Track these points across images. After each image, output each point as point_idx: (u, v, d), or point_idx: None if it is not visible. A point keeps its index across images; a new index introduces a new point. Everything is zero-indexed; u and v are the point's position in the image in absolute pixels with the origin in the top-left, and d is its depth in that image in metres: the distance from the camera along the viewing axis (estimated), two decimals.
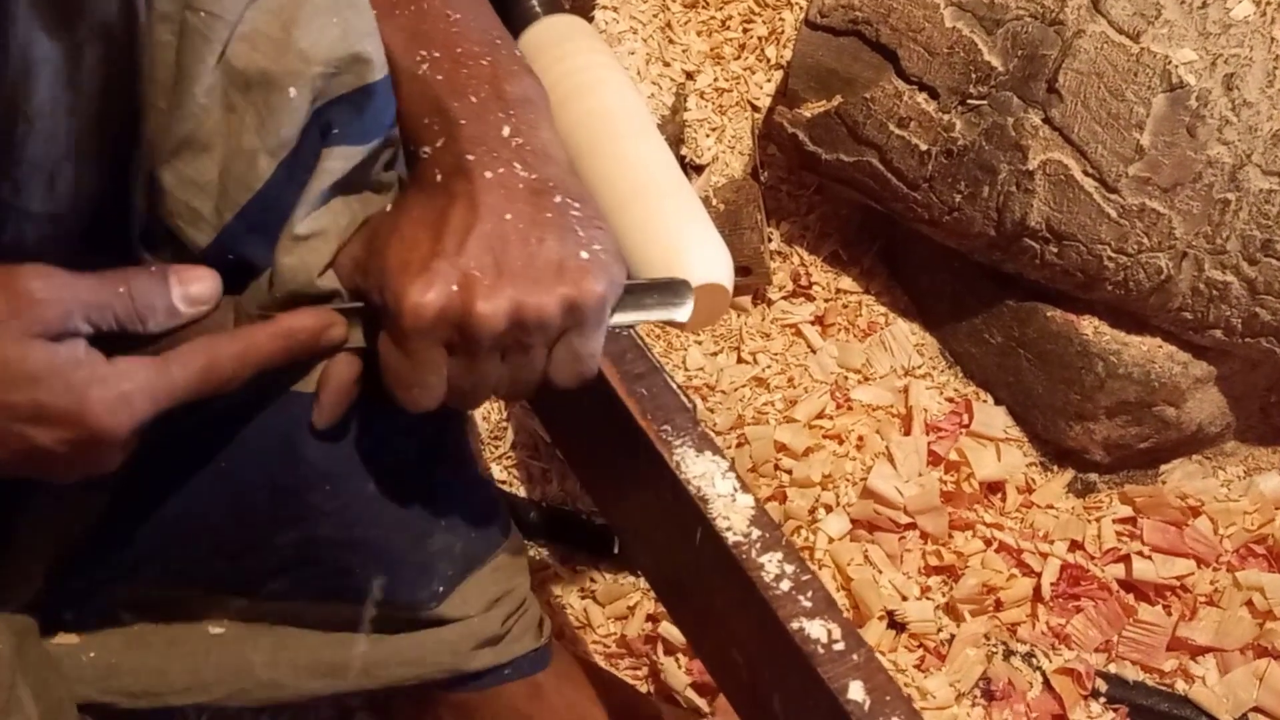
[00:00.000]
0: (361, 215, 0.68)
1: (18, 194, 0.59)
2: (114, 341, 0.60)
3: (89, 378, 0.57)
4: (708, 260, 0.79)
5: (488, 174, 0.64)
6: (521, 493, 1.27)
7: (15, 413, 0.56)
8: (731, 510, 0.68)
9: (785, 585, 0.66)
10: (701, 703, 1.14)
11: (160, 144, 0.61)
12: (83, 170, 0.60)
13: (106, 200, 0.62)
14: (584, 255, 0.64)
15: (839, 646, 0.64)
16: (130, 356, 0.60)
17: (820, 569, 1.20)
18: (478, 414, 1.30)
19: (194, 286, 0.62)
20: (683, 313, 0.74)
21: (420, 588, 0.78)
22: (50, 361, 0.56)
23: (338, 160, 0.65)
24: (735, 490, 0.69)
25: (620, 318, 0.70)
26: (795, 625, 0.65)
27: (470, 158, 0.65)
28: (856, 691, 0.63)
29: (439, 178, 0.66)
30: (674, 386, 0.74)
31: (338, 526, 0.74)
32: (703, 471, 0.70)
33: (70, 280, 0.58)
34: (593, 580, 1.24)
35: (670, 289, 0.74)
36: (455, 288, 0.62)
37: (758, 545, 0.67)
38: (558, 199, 0.65)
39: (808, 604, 0.65)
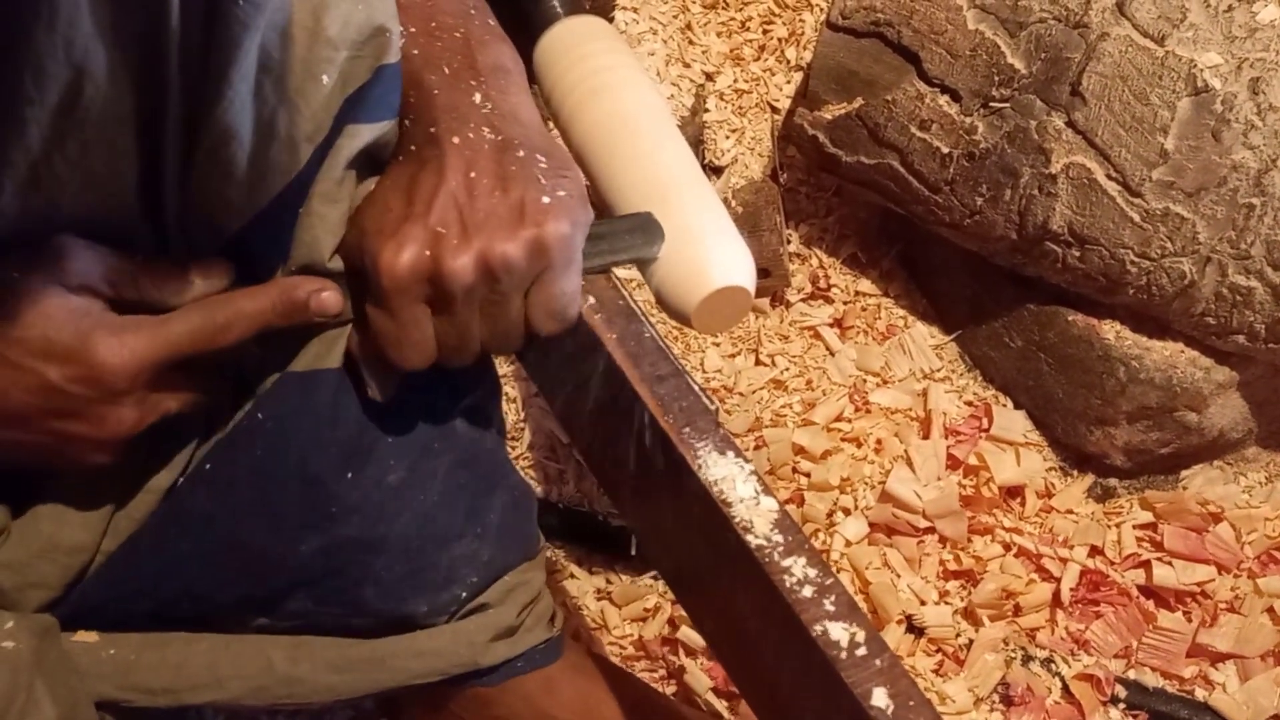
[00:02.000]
0: (364, 191, 0.71)
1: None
2: (133, 311, 0.65)
3: (95, 322, 0.63)
4: (730, 262, 0.78)
5: (455, 139, 0.68)
6: (538, 493, 1.27)
7: (27, 347, 0.61)
8: (754, 514, 0.68)
9: (808, 590, 0.65)
10: (722, 706, 1.14)
11: (195, 132, 0.62)
12: (119, 157, 0.62)
13: (143, 187, 0.64)
14: (545, 200, 0.67)
15: (862, 651, 0.63)
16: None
17: (838, 573, 1.19)
18: None
19: (210, 267, 0.67)
20: (655, 250, 0.76)
21: (442, 592, 0.78)
22: (63, 305, 0.62)
23: (348, 137, 0.67)
24: (758, 493, 0.69)
25: (595, 260, 0.73)
26: (818, 629, 0.64)
27: (440, 126, 0.68)
28: (880, 697, 0.62)
29: (413, 148, 0.69)
30: (696, 388, 0.73)
31: (361, 524, 0.74)
32: (725, 474, 0.69)
33: (97, 246, 0.63)
34: (609, 582, 1.23)
35: (641, 228, 0.76)
36: (425, 247, 0.65)
37: (780, 549, 0.66)
38: (521, 154, 0.68)
39: (831, 608, 0.64)
